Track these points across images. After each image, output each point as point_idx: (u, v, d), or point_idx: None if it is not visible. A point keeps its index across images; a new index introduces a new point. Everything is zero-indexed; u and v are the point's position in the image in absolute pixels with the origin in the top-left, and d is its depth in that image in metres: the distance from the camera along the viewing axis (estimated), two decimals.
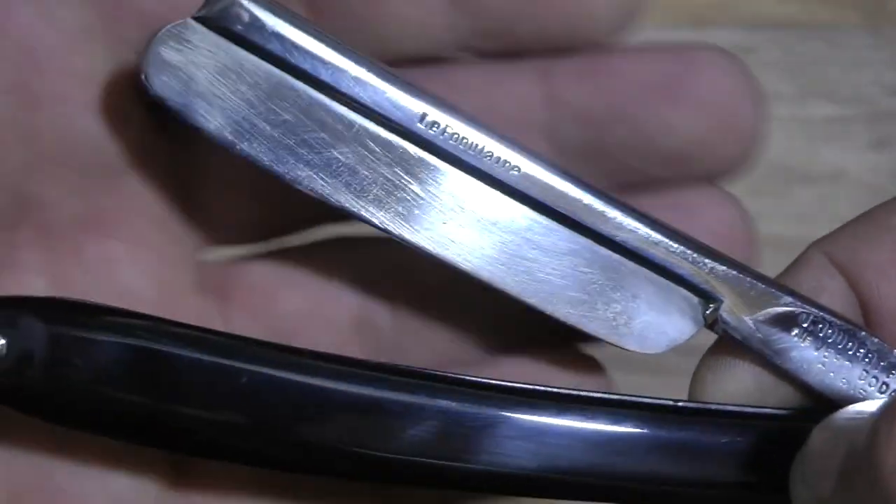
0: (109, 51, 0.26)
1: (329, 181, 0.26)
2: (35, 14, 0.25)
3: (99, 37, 0.26)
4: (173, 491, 0.28)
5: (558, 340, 0.29)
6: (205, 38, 0.25)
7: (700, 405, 0.27)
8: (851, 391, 0.27)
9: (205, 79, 0.26)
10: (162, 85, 0.25)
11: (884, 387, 0.27)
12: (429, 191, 0.26)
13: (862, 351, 0.26)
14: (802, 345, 0.26)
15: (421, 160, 0.26)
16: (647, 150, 0.27)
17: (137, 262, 0.28)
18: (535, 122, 0.28)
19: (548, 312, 0.27)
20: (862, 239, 0.27)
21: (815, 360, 0.26)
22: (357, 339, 0.29)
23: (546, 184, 0.26)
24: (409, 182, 0.26)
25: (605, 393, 0.26)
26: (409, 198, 0.26)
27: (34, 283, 0.26)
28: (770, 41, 0.46)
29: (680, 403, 0.27)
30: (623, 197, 0.27)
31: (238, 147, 0.26)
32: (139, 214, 0.28)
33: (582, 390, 0.26)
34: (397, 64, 0.27)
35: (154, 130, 0.28)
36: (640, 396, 0.27)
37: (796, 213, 0.44)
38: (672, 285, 0.27)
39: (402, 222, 0.26)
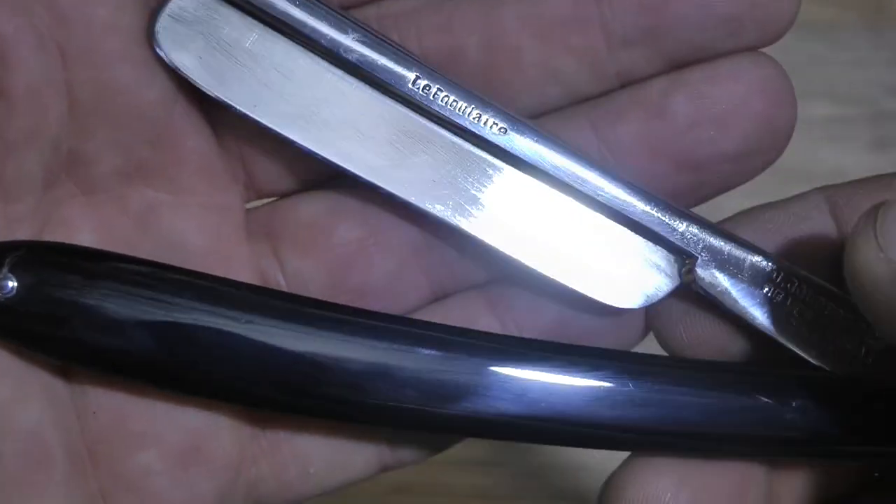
0: (135, 2, 0.27)
1: (326, 140, 0.28)
2: None
3: None
4: (249, 424, 0.28)
5: None
6: (211, 8, 0.27)
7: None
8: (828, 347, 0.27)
9: (211, 47, 0.27)
10: (173, 53, 0.27)
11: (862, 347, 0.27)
12: (420, 149, 0.28)
13: (833, 306, 0.27)
14: (775, 301, 0.27)
15: (412, 119, 0.28)
16: (705, 19, 0.28)
17: (183, 212, 0.28)
18: (590, 19, 0.28)
19: (532, 266, 0.28)
20: (864, 191, 0.28)
21: (787, 315, 0.27)
22: (417, 261, 0.29)
23: (530, 145, 0.27)
24: (402, 139, 0.28)
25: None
26: (399, 156, 0.28)
27: (81, 238, 0.27)
28: None
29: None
30: (668, 77, 0.28)
31: (241, 109, 0.27)
32: (181, 164, 0.28)
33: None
34: None
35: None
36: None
37: None
38: (650, 243, 0.28)
39: (393, 179, 0.28)
